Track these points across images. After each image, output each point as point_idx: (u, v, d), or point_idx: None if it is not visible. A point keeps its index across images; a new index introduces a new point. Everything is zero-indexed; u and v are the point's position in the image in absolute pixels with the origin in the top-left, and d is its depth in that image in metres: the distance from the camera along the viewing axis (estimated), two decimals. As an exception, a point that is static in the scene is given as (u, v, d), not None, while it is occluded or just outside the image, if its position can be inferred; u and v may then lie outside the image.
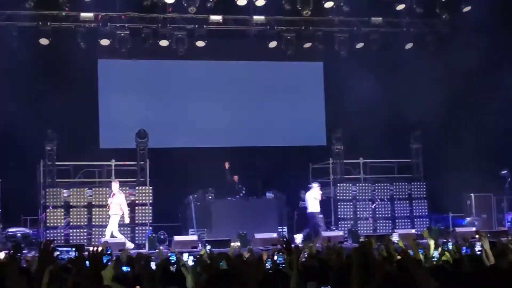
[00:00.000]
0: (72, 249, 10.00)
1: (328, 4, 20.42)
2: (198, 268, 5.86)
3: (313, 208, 19.09)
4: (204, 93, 22.12)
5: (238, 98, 22.55)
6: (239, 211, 19.53)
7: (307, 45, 21.60)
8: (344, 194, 20.37)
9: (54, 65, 20.08)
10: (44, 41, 19.47)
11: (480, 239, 6.73)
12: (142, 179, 19.31)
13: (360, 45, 21.56)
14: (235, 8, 20.29)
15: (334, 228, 19.81)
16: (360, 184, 20.59)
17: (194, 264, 4.95)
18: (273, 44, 21.19)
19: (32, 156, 18.96)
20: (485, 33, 20.38)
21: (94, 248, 4.36)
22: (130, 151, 19.63)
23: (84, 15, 19.71)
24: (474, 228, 18.81)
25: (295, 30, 21.21)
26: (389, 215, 20.68)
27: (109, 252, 9.25)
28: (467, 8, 20.41)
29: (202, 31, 20.47)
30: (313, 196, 19.16)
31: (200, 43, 20.61)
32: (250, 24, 20.98)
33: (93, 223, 18.59)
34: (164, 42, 20.45)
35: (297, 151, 22.35)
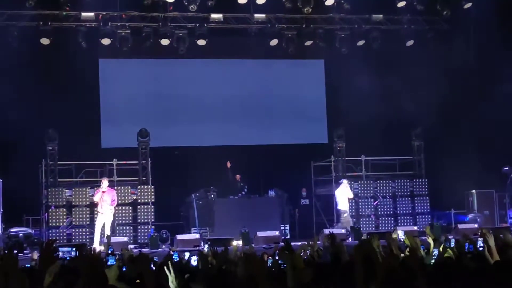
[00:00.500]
0: (73, 249, 9.98)
1: (329, 2, 20.43)
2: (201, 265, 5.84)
3: (342, 206, 19.01)
4: (205, 91, 22.11)
5: (239, 97, 22.55)
6: (241, 210, 19.52)
7: (308, 43, 21.60)
8: (346, 192, 20.34)
9: (55, 65, 20.10)
10: (45, 41, 19.49)
11: (485, 238, 6.71)
12: (144, 178, 19.32)
13: (361, 43, 21.56)
14: (236, 6, 20.28)
15: (336, 226, 19.79)
16: (362, 182, 20.60)
17: (177, 267, 4.92)
18: (274, 42, 21.19)
19: (34, 156, 18.97)
20: (486, 29, 20.35)
21: (93, 247, 4.36)
22: (132, 150, 19.63)
23: (85, 15, 19.75)
24: (476, 225, 18.82)
25: (296, 28, 21.22)
26: (391, 212, 20.68)
27: (111, 251, 9.26)
28: (468, 5, 20.39)
29: (203, 30, 20.47)
30: (343, 193, 19.06)
31: (201, 42, 20.60)
32: (251, 22, 21.00)
33: (95, 223, 18.55)
34: (165, 41, 20.45)
35: (299, 149, 22.33)
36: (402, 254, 7.44)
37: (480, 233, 9.97)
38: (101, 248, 15.12)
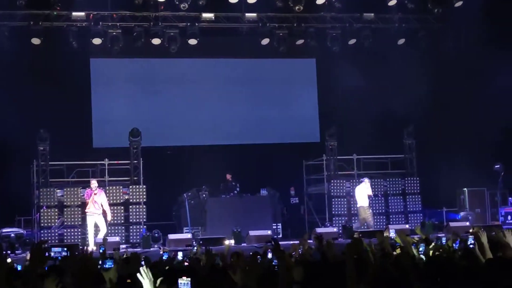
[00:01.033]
0: (65, 249, 9.94)
1: (320, 1, 20.44)
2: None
3: (362, 202, 19.03)
4: (197, 91, 22.10)
5: (231, 96, 22.55)
6: (233, 209, 19.54)
7: (300, 42, 21.60)
8: (338, 191, 20.39)
9: (46, 65, 20.04)
10: (36, 41, 19.41)
11: (477, 236, 6.73)
12: (136, 178, 19.29)
13: (353, 41, 21.56)
14: (227, 6, 20.24)
15: (329, 225, 19.82)
16: (354, 180, 20.60)
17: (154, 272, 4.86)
18: (266, 41, 21.17)
19: (25, 156, 18.92)
20: (476, 28, 20.38)
21: (85, 248, 4.35)
22: (123, 150, 19.60)
23: (76, 14, 19.70)
24: (468, 223, 18.87)
25: (287, 27, 21.22)
26: (383, 211, 20.70)
27: (103, 251, 9.22)
28: (459, 3, 20.41)
29: (194, 29, 20.45)
30: (363, 191, 19.06)
31: (192, 41, 20.57)
32: (242, 22, 20.99)
33: (87, 224, 18.50)
34: (156, 41, 20.41)
35: (291, 148, 22.33)
36: (394, 253, 7.46)
37: (473, 231, 10.01)
38: (94, 248, 15.10)
